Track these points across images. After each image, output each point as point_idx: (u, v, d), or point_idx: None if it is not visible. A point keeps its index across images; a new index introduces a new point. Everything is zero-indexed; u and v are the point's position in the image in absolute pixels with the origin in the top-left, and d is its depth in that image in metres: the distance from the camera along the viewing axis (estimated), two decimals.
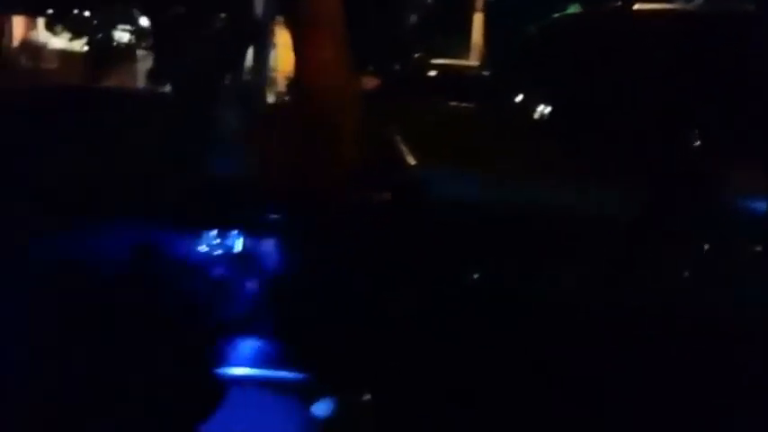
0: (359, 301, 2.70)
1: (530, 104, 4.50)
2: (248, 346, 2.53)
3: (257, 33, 4.19)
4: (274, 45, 4.33)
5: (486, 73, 8.40)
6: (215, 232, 3.27)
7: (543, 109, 4.26)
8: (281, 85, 4.34)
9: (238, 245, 3.25)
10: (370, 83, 6.08)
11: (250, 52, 4.50)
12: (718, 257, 2.85)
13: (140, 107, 4.80)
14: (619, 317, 2.66)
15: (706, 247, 2.85)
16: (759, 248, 2.83)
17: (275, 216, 3.38)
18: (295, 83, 3.75)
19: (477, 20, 9.83)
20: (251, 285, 2.99)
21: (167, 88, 6.11)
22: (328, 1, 3.52)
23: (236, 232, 3.33)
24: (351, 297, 2.73)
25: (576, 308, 2.66)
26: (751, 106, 3.17)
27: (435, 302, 2.72)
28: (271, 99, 4.42)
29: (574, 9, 7.67)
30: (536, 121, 4.32)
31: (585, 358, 2.40)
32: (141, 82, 7.41)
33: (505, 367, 2.35)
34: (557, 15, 5.29)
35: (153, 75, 6.54)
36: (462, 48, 9.84)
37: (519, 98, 4.87)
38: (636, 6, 3.99)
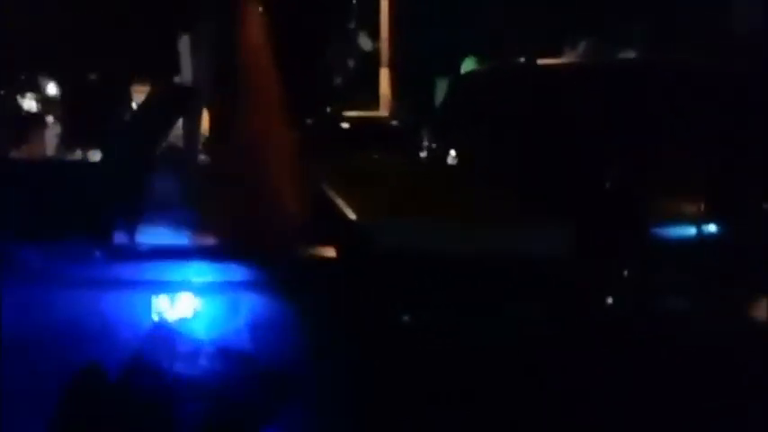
0: (309, 357, 2.76)
1: (449, 153, 4.78)
2: (199, 407, 2.55)
3: (187, 98, 4.26)
4: (203, 108, 4.42)
5: (397, 124, 8.75)
6: (159, 298, 3.26)
7: (464, 156, 4.55)
8: (213, 147, 4.41)
9: (183, 308, 3.26)
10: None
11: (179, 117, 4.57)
12: (652, 286, 3.13)
13: (63, 176, 4.71)
14: (563, 353, 2.86)
15: (639, 277, 3.14)
16: (692, 274, 3.14)
17: (218, 278, 3.42)
18: (228, 144, 3.83)
19: (384, 73, 10.30)
20: (199, 349, 2.98)
21: (84, 155, 6.00)
22: (265, 65, 3.66)
23: (179, 296, 3.33)
24: (301, 353, 2.78)
25: (523, 347, 2.84)
26: (661, 141, 3.55)
27: (387, 354, 2.81)
28: (203, 162, 4.48)
29: (470, 62, 8.22)
30: (457, 168, 4.60)
31: (531, 399, 2.57)
32: (55, 151, 7.24)
33: (460, 414, 2.48)
34: (467, 71, 5.67)
35: (69, 143, 6.40)
36: (371, 100, 10.23)
37: (437, 147, 5.16)
38: (539, 61, 4.40)
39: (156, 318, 3.15)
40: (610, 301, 3.07)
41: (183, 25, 4.45)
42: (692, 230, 3.31)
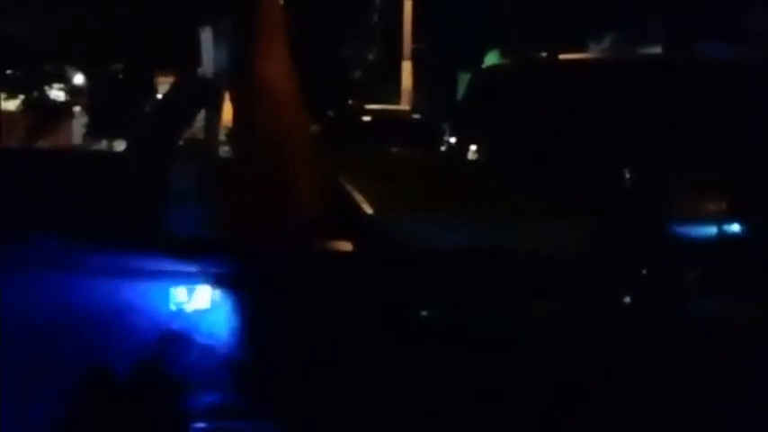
0: (323, 351, 2.77)
1: (469, 148, 4.76)
2: (211, 398, 2.56)
3: (209, 90, 4.30)
4: (224, 100, 4.45)
5: (418, 117, 8.74)
6: (174, 288, 3.29)
7: (484, 151, 4.53)
8: (233, 139, 4.44)
9: (198, 300, 3.28)
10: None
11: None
12: (671, 284, 3.09)
13: (86, 165, 4.78)
14: (578, 349, 2.84)
15: (658, 275, 3.10)
16: (711, 273, 3.09)
17: (234, 269, 3.43)
18: (248, 137, 3.86)
19: (407, 66, 10.28)
20: (213, 339, 3.01)
21: (108, 145, 6.09)
22: (281, 57, 3.66)
23: (195, 287, 3.35)
24: (315, 347, 2.79)
25: (539, 345, 2.83)
26: (682, 138, 3.50)
27: (401, 348, 2.80)
28: (223, 154, 4.51)
29: (492, 56, 8.15)
30: (477, 163, 4.58)
31: (546, 392, 2.56)
32: (80, 140, 7.35)
33: (473, 408, 2.47)
34: (490, 65, 5.63)
35: (94, 133, 6.50)
36: (393, 93, 10.22)
37: (457, 141, 5.14)
38: (561, 56, 4.36)
39: (172, 309, 3.18)
40: (628, 299, 3.04)
41: (205, 18, 4.48)
42: (713, 229, 3.26)
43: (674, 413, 2.47)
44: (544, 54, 4.58)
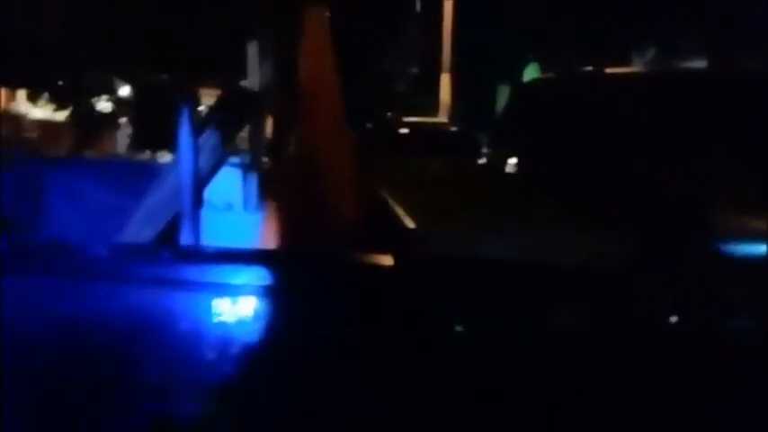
0: (360, 361, 2.77)
1: (508, 160, 4.75)
2: (245, 407, 2.58)
3: (254, 102, 4.37)
4: (267, 112, 4.52)
5: (456, 130, 8.72)
6: (214, 297, 3.33)
7: (526, 164, 4.51)
8: (273, 151, 4.50)
9: (238, 308, 3.32)
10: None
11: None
12: (714, 302, 3.03)
13: (130, 175, 4.89)
14: (614, 364, 2.80)
15: (694, 291, 3.04)
16: (747, 289, 3.02)
17: (275, 279, 3.47)
18: (291, 149, 3.91)
19: (445, 79, 10.30)
20: (250, 348, 3.03)
21: (153, 156, 6.22)
22: (326, 69, 3.71)
23: (236, 296, 3.39)
24: (351, 357, 2.79)
25: (576, 360, 2.79)
26: (724, 153, 3.44)
27: (438, 361, 2.79)
28: (267, 165, 4.58)
29: (532, 70, 8.11)
30: (518, 175, 4.56)
31: (580, 407, 2.52)
32: (125, 151, 7.53)
33: (507, 420, 2.44)
34: (534, 78, 5.63)
35: (139, 144, 6.64)
36: (431, 106, 10.24)
37: (497, 153, 5.13)
38: (607, 70, 4.33)
39: (213, 320, 3.22)
40: (668, 317, 2.99)
41: (251, 31, 4.56)
42: (755, 247, 3.19)
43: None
44: (590, 68, 4.56)
